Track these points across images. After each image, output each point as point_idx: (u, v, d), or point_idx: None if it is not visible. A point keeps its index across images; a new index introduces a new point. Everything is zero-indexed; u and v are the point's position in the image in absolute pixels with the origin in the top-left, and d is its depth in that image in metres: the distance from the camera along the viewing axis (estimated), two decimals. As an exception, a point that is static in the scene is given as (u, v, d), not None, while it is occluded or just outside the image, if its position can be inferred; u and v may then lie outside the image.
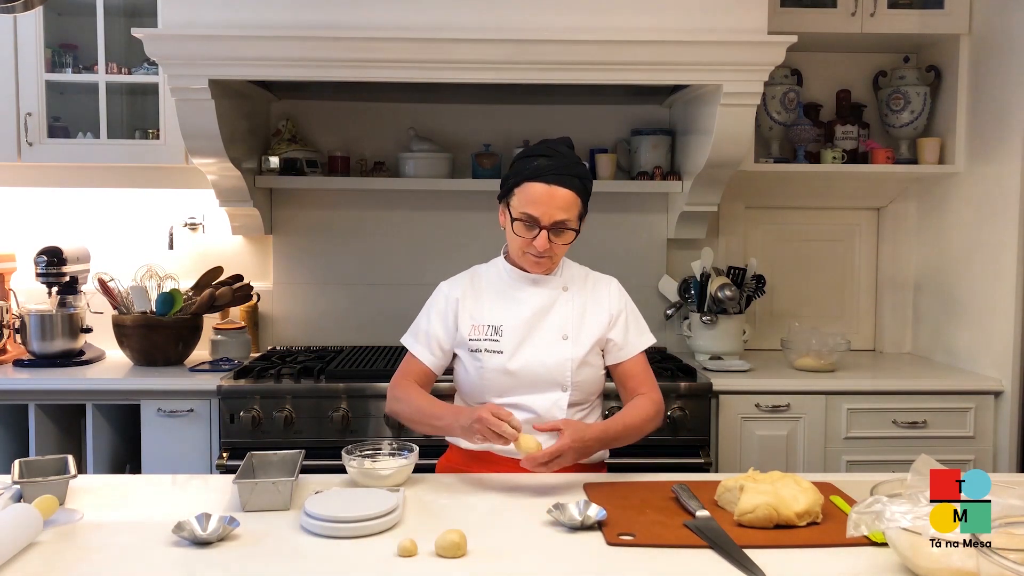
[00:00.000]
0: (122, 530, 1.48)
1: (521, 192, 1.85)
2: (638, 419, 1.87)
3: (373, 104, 3.28)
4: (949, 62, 3.08)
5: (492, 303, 1.95)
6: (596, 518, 1.49)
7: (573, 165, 1.86)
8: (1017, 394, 2.77)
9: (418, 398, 1.91)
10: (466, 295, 1.96)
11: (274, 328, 3.31)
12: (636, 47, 2.57)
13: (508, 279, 1.96)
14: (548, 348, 1.90)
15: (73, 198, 3.24)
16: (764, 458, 2.74)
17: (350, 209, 3.29)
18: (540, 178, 1.83)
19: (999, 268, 2.83)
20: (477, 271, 2.03)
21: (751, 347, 3.23)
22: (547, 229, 1.83)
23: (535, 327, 1.91)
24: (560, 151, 1.88)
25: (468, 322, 1.94)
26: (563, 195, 1.83)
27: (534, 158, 1.87)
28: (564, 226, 1.85)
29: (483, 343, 1.91)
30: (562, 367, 1.89)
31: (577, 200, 1.86)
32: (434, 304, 1.99)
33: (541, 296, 1.94)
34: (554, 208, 1.82)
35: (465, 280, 2.01)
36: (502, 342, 1.90)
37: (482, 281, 1.99)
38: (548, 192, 1.82)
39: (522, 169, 1.87)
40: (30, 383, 2.75)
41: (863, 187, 3.30)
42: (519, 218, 1.85)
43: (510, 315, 1.92)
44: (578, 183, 1.85)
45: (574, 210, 1.86)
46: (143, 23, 2.85)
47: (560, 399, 1.90)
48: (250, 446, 2.16)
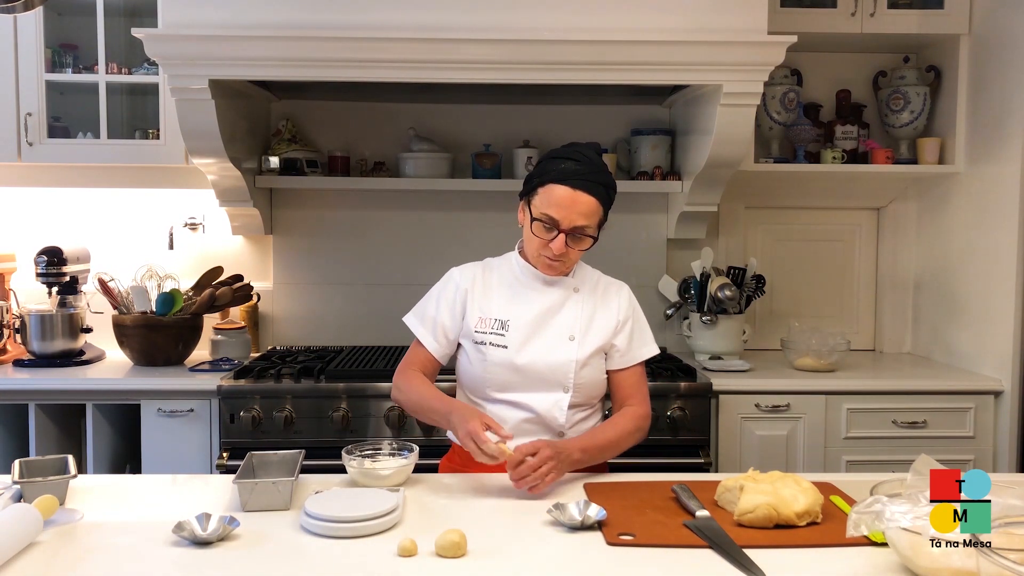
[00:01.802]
0: (122, 530, 1.48)
1: (545, 193, 1.84)
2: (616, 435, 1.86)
3: (373, 104, 3.28)
4: (949, 62, 3.08)
5: (501, 297, 1.94)
6: (596, 518, 1.49)
7: (600, 172, 1.85)
8: (1017, 394, 2.77)
9: (420, 386, 1.90)
10: (475, 285, 1.95)
11: (274, 328, 3.31)
12: (636, 47, 2.57)
13: (520, 275, 1.95)
14: (553, 347, 1.89)
15: (73, 198, 3.24)
16: (764, 458, 2.74)
17: (350, 209, 3.29)
18: (566, 181, 1.81)
19: (999, 268, 2.83)
20: (489, 263, 2.01)
21: (751, 347, 3.24)
22: (566, 233, 1.82)
23: (543, 325, 1.91)
24: (589, 156, 1.86)
25: (476, 314, 1.92)
26: (586, 201, 1.81)
27: (562, 160, 1.84)
28: (583, 232, 1.84)
29: (488, 336, 1.90)
30: (565, 367, 1.89)
31: (599, 208, 1.84)
32: (443, 291, 1.97)
33: (552, 295, 1.93)
34: (575, 213, 1.81)
35: (477, 270, 1.99)
36: (508, 337, 1.89)
37: (493, 274, 1.98)
38: (572, 196, 1.81)
39: (549, 170, 1.84)
40: (30, 383, 2.75)
41: (863, 187, 3.30)
42: (539, 218, 1.84)
43: (518, 311, 1.91)
44: (603, 191, 1.84)
45: (595, 218, 1.84)
46: (143, 23, 2.85)
47: (561, 400, 1.89)
48: (250, 446, 2.17)
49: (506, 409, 1.91)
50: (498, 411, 1.91)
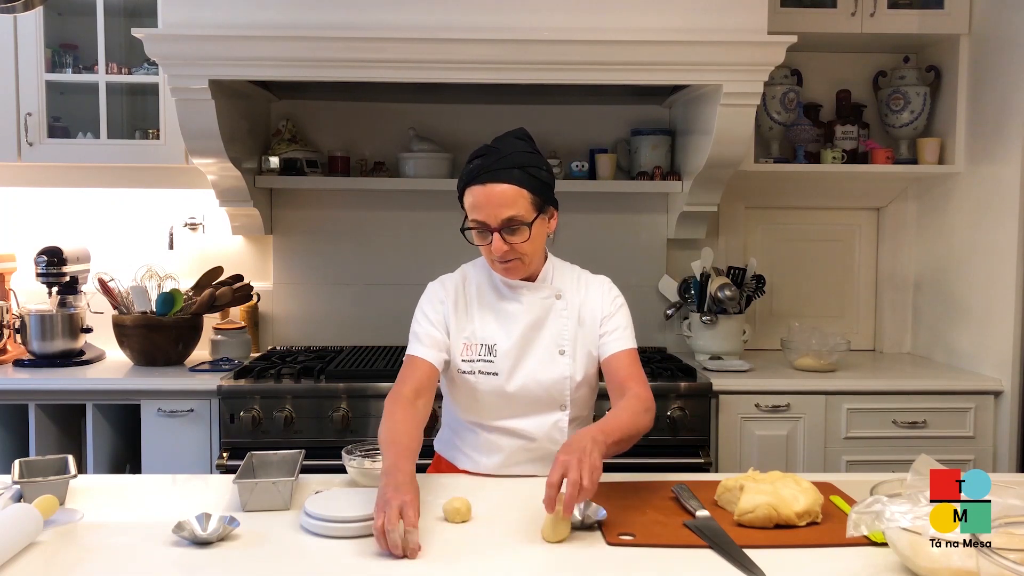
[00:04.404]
0: (122, 530, 1.48)
1: (466, 199, 1.76)
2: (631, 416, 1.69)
3: (373, 104, 3.28)
4: (949, 62, 3.08)
5: (483, 316, 1.84)
6: (596, 518, 1.49)
7: (511, 156, 1.72)
8: (1017, 394, 2.77)
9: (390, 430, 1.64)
10: (457, 302, 1.85)
11: (274, 328, 3.31)
12: (636, 47, 2.57)
13: (499, 286, 1.85)
14: (545, 366, 1.81)
15: (73, 198, 3.24)
16: (764, 458, 2.74)
17: (350, 209, 3.29)
18: (475, 180, 1.72)
19: (999, 268, 2.83)
20: (467, 274, 1.91)
21: (751, 347, 3.24)
22: (497, 230, 1.72)
23: (530, 343, 1.81)
24: (497, 146, 1.76)
25: (460, 339, 1.82)
26: (501, 191, 1.70)
27: (471, 160, 1.76)
28: (514, 222, 1.72)
29: (477, 364, 1.80)
30: (560, 385, 1.81)
31: (521, 192, 1.71)
32: (426, 307, 1.86)
33: (534, 307, 1.83)
34: (495, 207, 1.71)
35: (456, 282, 1.88)
36: (497, 363, 1.80)
37: (472, 287, 1.87)
38: (485, 192, 1.71)
39: (462, 175, 1.77)
40: (30, 383, 2.75)
41: (863, 187, 3.30)
42: (470, 226, 1.76)
43: (503, 332, 1.81)
44: (519, 174, 1.71)
45: (520, 203, 1.71)
46: (143, 23, 2.85)
47: (560, 419, 1.82)
48: (250, 446, 2.17)
49: (502, 437, 1.83)
50: (493, 439, 1.84)
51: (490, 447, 1.85)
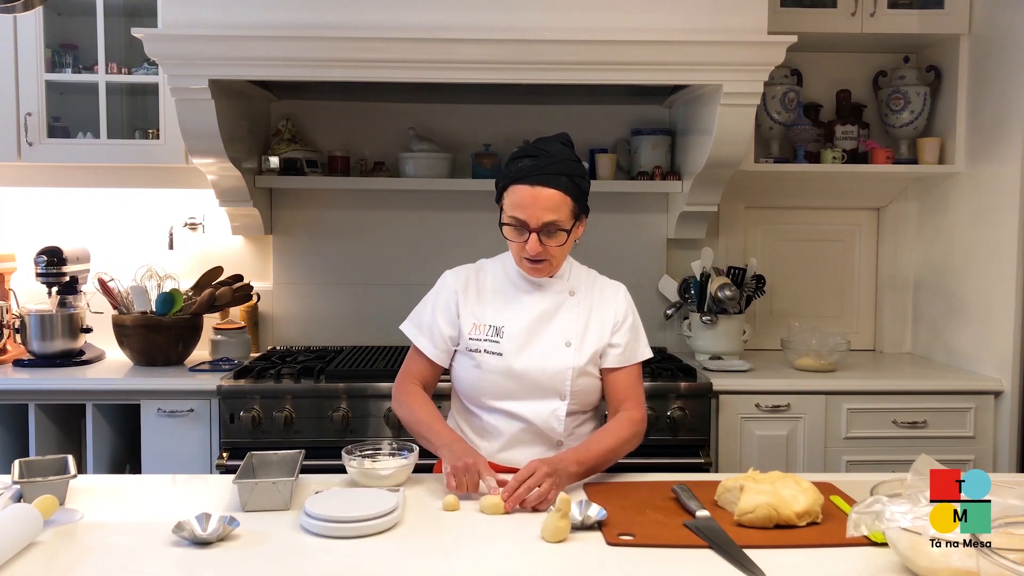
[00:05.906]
0: (122, 530, 1.49)
1: (509, 195, 1.81)
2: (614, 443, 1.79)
3: (373, 104, 3.28)
4: (949, 62, 3.08)
5: (495, 302, 1.90)
6: (596, 518, 1.49)
7: (561, 163, 1.79)
8: (1017, 394, 2.77)
9: (419, 409, 1.86)
10: (469, 289, 1.92)
11: (274, 328, 3.31)
12: (636, 47, 2.57)
13: (514, 278, 1.92)
14: (550, 354, 1.86)
15: (73, 198, 3.24)
16: (764, 458, 2.74)
17: (350, 209, 3.29)
18: (524, 180, 1.77)
19: (999, 268, 2.83)
20: (483, 266, 1.98)
21: (751, 347, 3.24)
22: (536, 232, 1.78)
23: (538, 331, 1.87)
24: (548, 150, 1.82)
25: (469, 320, 1.89)
26: (548, 195, 1.77)
27: (520, 158, 1.81)
28: (554, 227, 1.79)
29: (483, 343, 1.86)
30: (562, 375, 1.85)
31: (566, 199, 1.79)
32: (438, 296, 1.94)
33: (547, 299, 1.89)
34: (540, 209, 1.77)
35: (470, 273, 1.95)
36: (502, 344, 1.85)
37: (487, 277, 1.94)
38: (532, 194, 1.77)
39: (509, 171, 1.82)
40: (30, 383, 2.75)
41: (863, 187, 3.30)
42: (508, 222, 1.81)
43: (513, 317, 1.88)
44: (566, 181, 1.78)
45: (563, 210, 1.79)
46: (143, 23, 2.85)
47: (559, 408, 1.86)
48: (250, 446, 2.17)
49: (502, 419, 1.88)
50: (494, 421, 1.88)
51: (491, 431, 1.89)
